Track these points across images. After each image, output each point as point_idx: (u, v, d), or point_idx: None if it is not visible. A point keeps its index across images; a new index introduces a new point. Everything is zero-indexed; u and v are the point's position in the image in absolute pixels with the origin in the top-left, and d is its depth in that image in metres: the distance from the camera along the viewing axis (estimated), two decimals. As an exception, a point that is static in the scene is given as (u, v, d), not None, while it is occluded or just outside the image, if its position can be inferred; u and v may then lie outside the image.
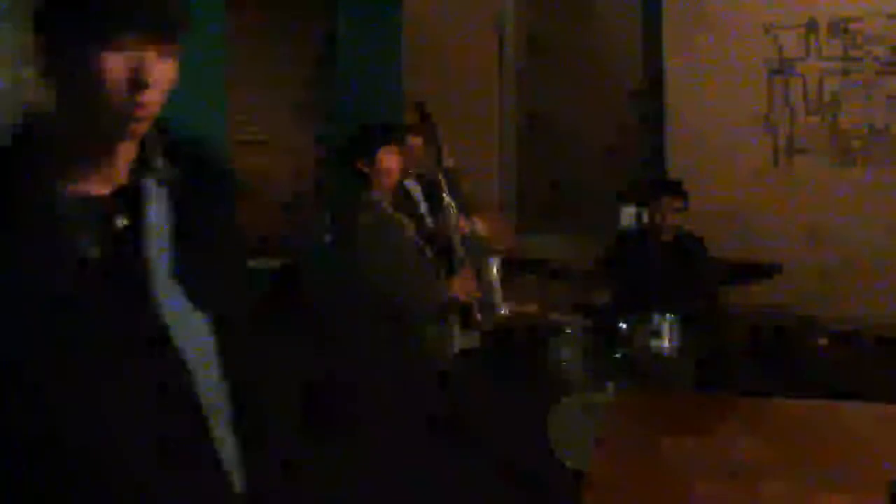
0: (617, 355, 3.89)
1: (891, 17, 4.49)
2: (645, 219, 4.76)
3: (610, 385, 3.73)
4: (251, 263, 4.21)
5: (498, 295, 3.49)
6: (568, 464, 3.56)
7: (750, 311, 4.47)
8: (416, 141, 4.09)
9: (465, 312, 3.31)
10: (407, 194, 3.59)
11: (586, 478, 2.11)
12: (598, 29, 5.26)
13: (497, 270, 3.52)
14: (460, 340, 3.29)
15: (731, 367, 4.01)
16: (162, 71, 1.15)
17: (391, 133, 3.39)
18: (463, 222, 3.51)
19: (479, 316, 3.33)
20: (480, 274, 3.41)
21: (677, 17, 4.93)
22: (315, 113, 4.69)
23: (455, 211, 3.45)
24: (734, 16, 4.80)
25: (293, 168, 4.54)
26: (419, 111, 4.10)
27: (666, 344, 3.89)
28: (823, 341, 4.37)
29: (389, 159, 3.26)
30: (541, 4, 5.41)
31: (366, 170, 3.26)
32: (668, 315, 3.92)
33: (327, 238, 4.50)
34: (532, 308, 4.35)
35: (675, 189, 4.36)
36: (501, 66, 5.41)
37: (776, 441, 2.25)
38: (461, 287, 3.29)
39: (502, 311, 3.45)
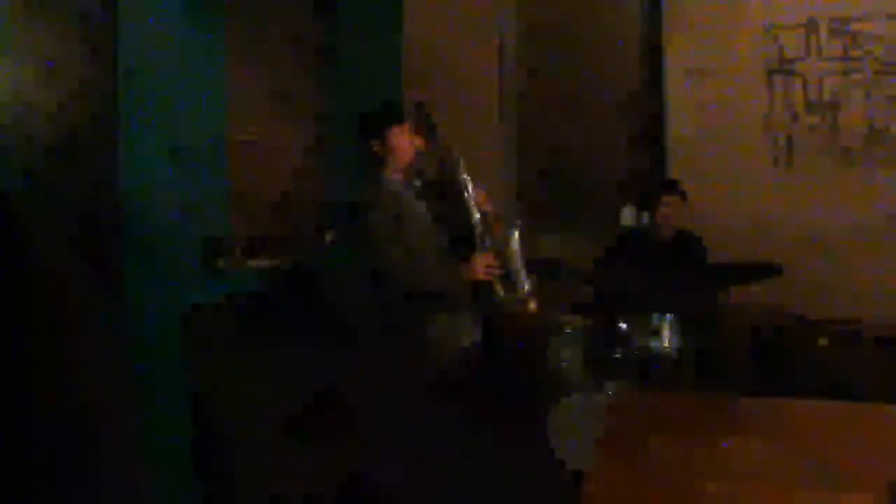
0: (617, 355, 3.89)
1: (891, 17, 4.49)
2: (645, 219, 4.77)
3: (610, 385, 3.73)
4: (250, 263, 4.25)
5: (521, 265, 3.45)
6: (568, 464, 3.56)
7: (750, 311, 4.46)
8: (418, 140, 4.09)
9: (485, 290, 3.28)
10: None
11: (586, 478, 2.12)
12: (597, 29, 5.26)
13: (518, 240, 3.48)
14: (470, 333, 3.28)
15: (731, 367, 4.01)
16: None
17: (400, 111, 3.37)
18: (482, 197, 3.46)
19: (501, 291, 3.30)
20: (503, 246, 3.37)
21: (677, 16, 4.93)
22: (315, 113, 4.69)
23: (471, 186, 3.41)
24: (734, 16, 4.80)
25: (293, 168, 4.54)
26: (420, 111, 4.09)
27: (666, 344, 3.90)
28: (823, 341, 4.37)
29: (401, 138, 3.25)
30: (541, 4, 5.41)
31: (378, 150, 3.25)
32: (668, 315, 3.92)
33: (328, 237, 4.50)
34: (532, 308, 4.34)
35: (674, 188, 4.36)
36: (501, 66, 5.40)
37: (776, 441, 2.25)
38: (481, 265, 3.24)
39: (525, 287, 3.41)
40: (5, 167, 3.17)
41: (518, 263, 3.37)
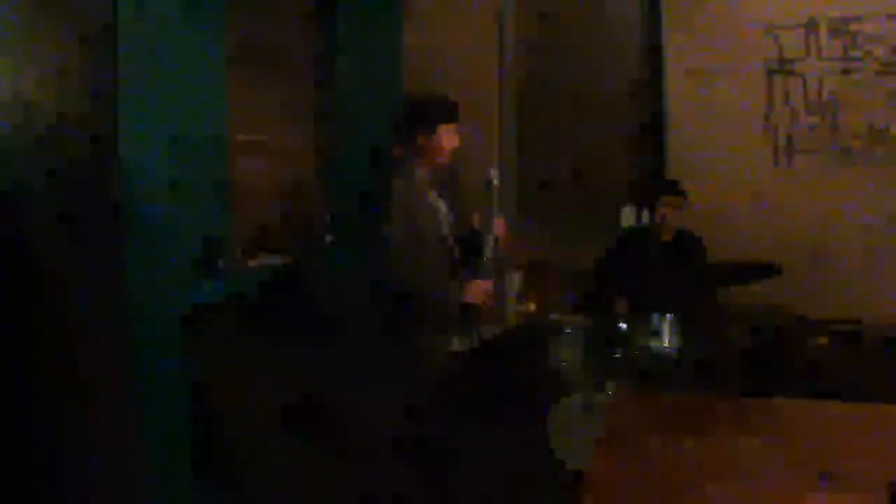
0: (617, 355, 3.89)
1: (891, 17, 4.49)
2: (645, 219, 4.77)
3: (610, 385, 3.73)
4: (251, 263, 4.25)
5: (510, 308, 3.40)
6: (568, 464, 3.56)
7: (750, 311, 4.46)
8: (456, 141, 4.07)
9: (470, 316, 3.21)
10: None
11: (586, 478, 2.12)
12: (597, 29, 5.26)
13: (518, 284, 3.42)
14: (457, 343, 3.23)
15: (731, 367, 4.01)
16: None
17: (456, 109, 3.30)
18: (501, 227, 3.38)
19: (487, 325, 3.25)
20: (502, 282, 3.30)
21: (677, 16, 4.93)
22: (315, 113, 4.69)
23: (496, 212, 3.34)
24: (734, 16, 4.80)
25: (293, 168, 4.54)
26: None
27: (666, 344, 3.89)
28: (823, 341, 4.37)
29: (449, 138, 3.19)
30: (541, 5, 5.41)
31: (424, 144, 3.18)
32: (668, 315, 3.92)
33: (328, 238, 4.50)
34: (532, 308, 4.34)
35: (675, 189, 4.36)
36: (501, 67, 5.40)
37: (776, 441, 2.25)
38: (478, 292, 3.18)
39: (508, 324, 3.37)
40: (5, 167, 3.17)
41: (511, 302, 3.33)
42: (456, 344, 3.21)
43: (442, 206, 3.25)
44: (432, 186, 3.25)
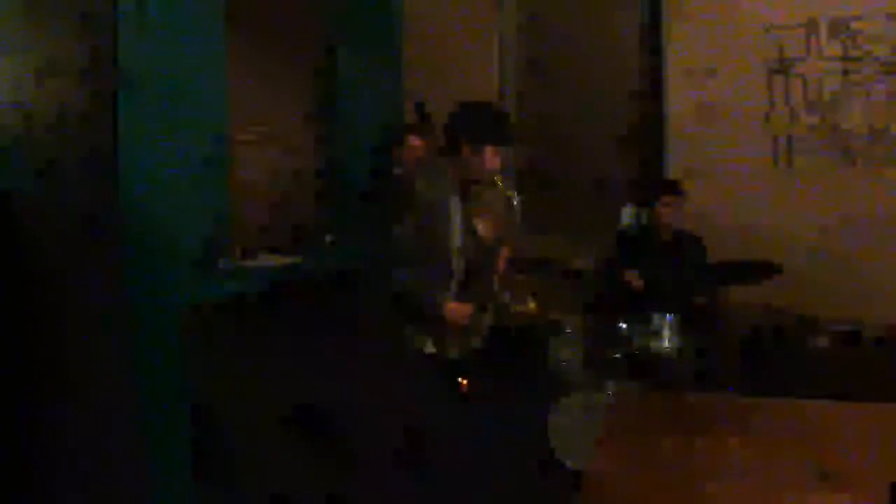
0: (617, 355, 3.89)
1: (891, 16, 4.49)
2: (645, 219, 4.78)
3: (610, 385, 3.74)
4: (251, 263, 4.24)
5: (483, 338, 3.34)
6: (568, 464, 3.56)
7: (750, 311, 4.46)
8: (415, 141, 4.07)
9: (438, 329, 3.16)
10: None
11: (586, 478, 2.12)
12: (598, 29, 5.26)
13: (487, 326, 3.38)
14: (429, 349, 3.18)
15: (731, 367, 4.01)
16: None
17: (510, 136, 3.26)
18: (505, 259, 3.34)
19: (454, 347, 3.19)
20: (477, 312, 3.25)
21: (678, 16, 4.93)
22: (315, 113, 4.69)
23: (507, 240, 3.31)
24: (734, 16, 4.80)
25: (293, 168, 4.54)
26: (419, 111, 4.08)
27: (666, 344, 3.90)
28: (823, 341, 4.37)
29: (493, 160, 3.14)
30: (541, 5, 5.42)
31: (465, 154, 3.14)
32: (668, 315, 3.92)
33: (328, 238, 4.50)
34: (532, 308, 4.34)
35: (674, 188, 4.37)
36: (501, 67, 5.40)
37: (776, 441, 2.25)
38: (455, 312, 3.15)
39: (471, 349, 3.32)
40: (5, 167, 3.17)
41: (483, 332, 3.29)
42: (429, 347, 3.16)
43: (458, 216, 3.19)
44: (456, 194, 3.19)
